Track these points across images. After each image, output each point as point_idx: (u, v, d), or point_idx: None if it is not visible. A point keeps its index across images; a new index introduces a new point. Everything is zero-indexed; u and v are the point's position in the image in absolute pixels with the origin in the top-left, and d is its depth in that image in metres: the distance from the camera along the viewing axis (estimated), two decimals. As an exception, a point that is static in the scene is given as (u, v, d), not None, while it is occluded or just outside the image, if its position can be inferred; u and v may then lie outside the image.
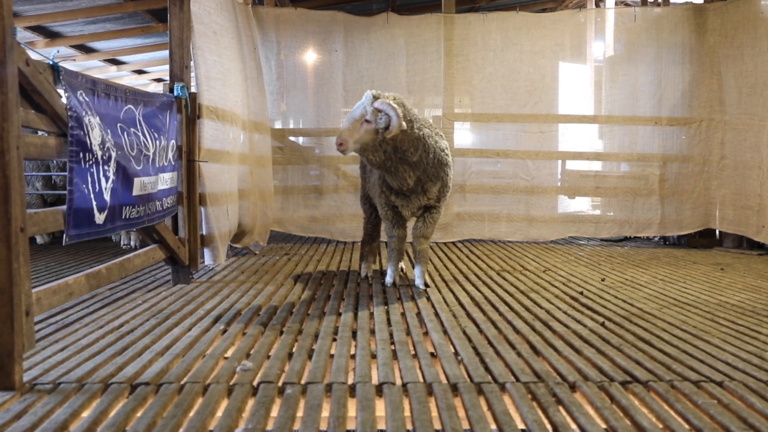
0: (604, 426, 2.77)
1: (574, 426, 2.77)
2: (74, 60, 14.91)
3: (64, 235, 3.96)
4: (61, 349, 3.91)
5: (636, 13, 9.59)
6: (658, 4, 10.96)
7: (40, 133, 4.26)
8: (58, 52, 4.33)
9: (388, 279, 6.01)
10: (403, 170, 5.32)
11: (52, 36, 13.51)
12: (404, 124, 5.05)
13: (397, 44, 9.48)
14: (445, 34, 9.31)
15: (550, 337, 4.17)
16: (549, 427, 2.76)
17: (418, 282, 5.86)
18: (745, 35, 8.53)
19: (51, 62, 3.86)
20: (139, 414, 2.90)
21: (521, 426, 2.79)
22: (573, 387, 3.25)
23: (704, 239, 9.35)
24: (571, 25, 9.69)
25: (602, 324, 4.55)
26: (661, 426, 2.78)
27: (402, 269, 6.52)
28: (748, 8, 8.45)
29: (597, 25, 9.97)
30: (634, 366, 3.57)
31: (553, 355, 3.79)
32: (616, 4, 13.96)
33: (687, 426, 2.79)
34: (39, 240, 9.39)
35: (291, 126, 10.16)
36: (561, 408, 2.96)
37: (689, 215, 9.29)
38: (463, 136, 9.85)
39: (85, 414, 2.92)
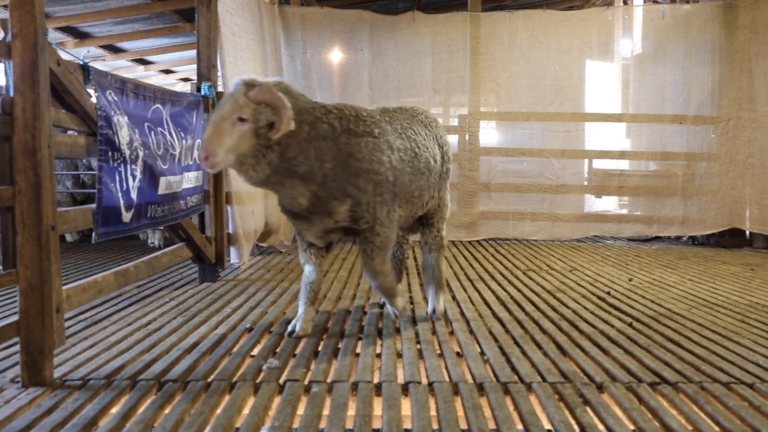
0: (632, 427, 2.74)
1: (601, 427, 2.74)
2: (103, 60, 15.06)
3: (93, 233, 4.00)
4: (90, 345, 3.95)
5: (665, 11, 9.50)
6: (687, 2, 10.84)
7: (69, 132, 4.30)
8: (88, 52, 4.39)
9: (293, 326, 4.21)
10: (291, 186, 3.82)
11: (81, 36, 13.65)
12: (293, 120, 3.66)
13: (423, 43, 9.47)
14: (472, 32, 9.28)
15: (577, 338, 4.14)
16: (576, 428, 2.74)
17: (392, 313, 4.52)
18: (776, 32, 8.42)
19: (81, 62, 3.90)
20: (167, 411, 2.92)
21: (548, 426, 2.77)
22: (600, 388, 3.22)
23: (733, 239, 9.22)
24: (598, 23, 9.61)
25: (630, 324, 4.50)
26: (690, 428, 2.75)
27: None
28: (781, 5, 8.35)
29: (625, 22, 9.90)
30: (663, 367, 3.53)
31: (580, 355, 3.76)
32: (644, 1, 13.86)
33: (717, 428, 2.76)
34: (68, 238, 9.47)
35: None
36: (588, 409, 2.94)
37: (714, 215, 9.17)
38: (489, 134, 9.80)
39: (114, 410, 2.94)
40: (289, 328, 4.19)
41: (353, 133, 3.95)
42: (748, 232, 9.20)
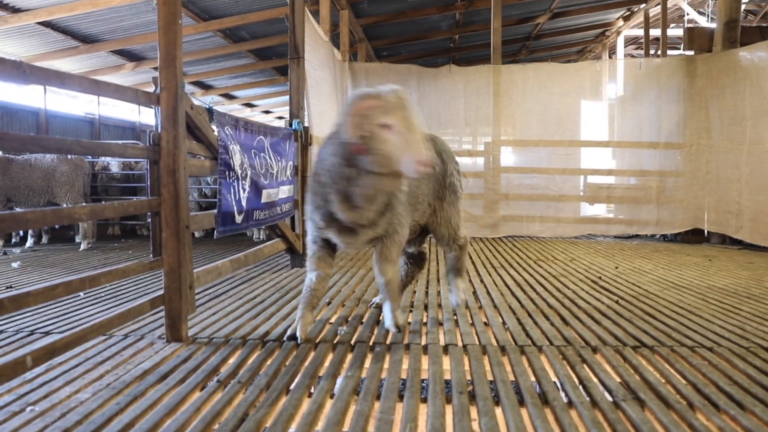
0: (619, 380, 2.69)
1: (595, 380, 2.69)
2: (222, 104, 15.41)
3: (215, 231, 4.08)
4: (213, 313, 4.03)
5: (641, 63, 9.34)
6: (658, 56, 10.57)
7: (198, 157, 4.39)
8: (212, 99, 4.47)
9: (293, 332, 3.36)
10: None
11: (206, 88, 14.00)
12: None
13: (457, 88, 9.41)
14: (494, 80, 9.19)
15: (576, 311, 4.07)
16: (576, 380, 2.70)
17: (389, 323, 3.46)
18: (726, 78, 8.19)
19: (207, 106, 3.98)
20: (268, 362, 2.96)
21: (554, 379, 2.73)
22: (594, 350, 3.16)
23: (695, 236, 8.96)
24: (590, 72, 9.50)
25: (616, 302, 4.41)
26: (663, 381, 2.68)
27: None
28: (729, 58, 8.12)
29: (610, 72, 9.74)
30: (642, 334, 3.45)
31: (579, 325, 3.69)
32: (625, 56, 13.55)
33: (684, 381, 2.69)
34: (197, 234, 9.65)
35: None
36: (585, 366, 2.89)
37: (680, 218, 8.94)
38: (507, 157, 9.66)
39: (231, 361, 3.00)
40: (289, 332, 3.38)
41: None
42: (706, 232, 8.93)
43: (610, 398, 2.49)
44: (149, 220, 3.38)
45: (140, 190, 9.78)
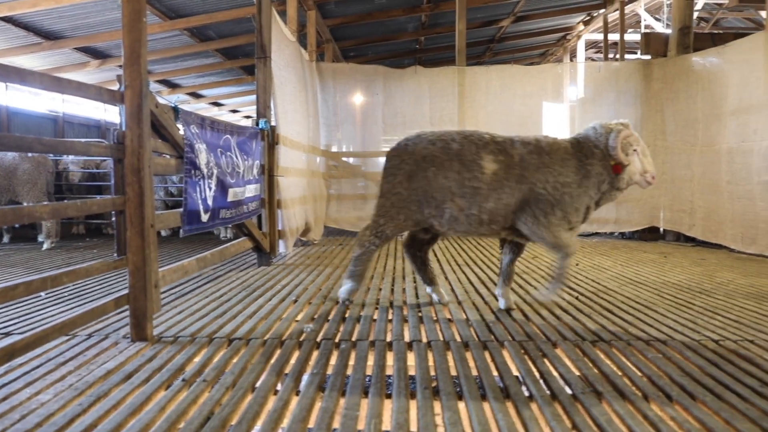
0: (578, 373, 2.73)
1: (556, 373, 2.73)
2: (188, 103, 15.15)
3: (181, 230, 4.02)
4: (179, 312, 3.96)
5: (600, 66, 9.51)
6: (616, 60, 10.77)
7: (163, 155, 4.31)
8: (178, 98, 4.40)
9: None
10: None
11: (173, 86, 13.75)
12: None
13: (422, 89, 9.43)
14: (459, 81, 9.25)
15: (538, 307, 4.11)
16: (537, 374, 2.73)
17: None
18: (680, 83, 8.40)
19: (173, 105, 3.92)
20: (234, 360, 2.93)
21: (516, 373, 2.76)
22: (555, 344, 3.21)
23: (651, 234, 9.17)
24: (552, 75, 9.61)
25: (576, 298, 4.48)
26: (620, 374, 2.73)
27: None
28: (683, 63, 8.32)
29: (571, 75, 9.86)
30: (600, 329, 3.52)
31: (540, 320, 3.74)
32: (585, 59, 13.78)
33: (639, 374, 2.75)
34: (163, 233, 9.51)
35: (344, 149, 10.17)
36: (546, 360, 2.93)
37: (637, 216, 9.12)
38: (471, 157, 9.74)
39: (197, 359, 2.95)
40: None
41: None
42: (662, 229, 9.15)
43: (569, 391, 2.53)
44: (114, 218, 3.31)
45: (105, 188, 9.58)
